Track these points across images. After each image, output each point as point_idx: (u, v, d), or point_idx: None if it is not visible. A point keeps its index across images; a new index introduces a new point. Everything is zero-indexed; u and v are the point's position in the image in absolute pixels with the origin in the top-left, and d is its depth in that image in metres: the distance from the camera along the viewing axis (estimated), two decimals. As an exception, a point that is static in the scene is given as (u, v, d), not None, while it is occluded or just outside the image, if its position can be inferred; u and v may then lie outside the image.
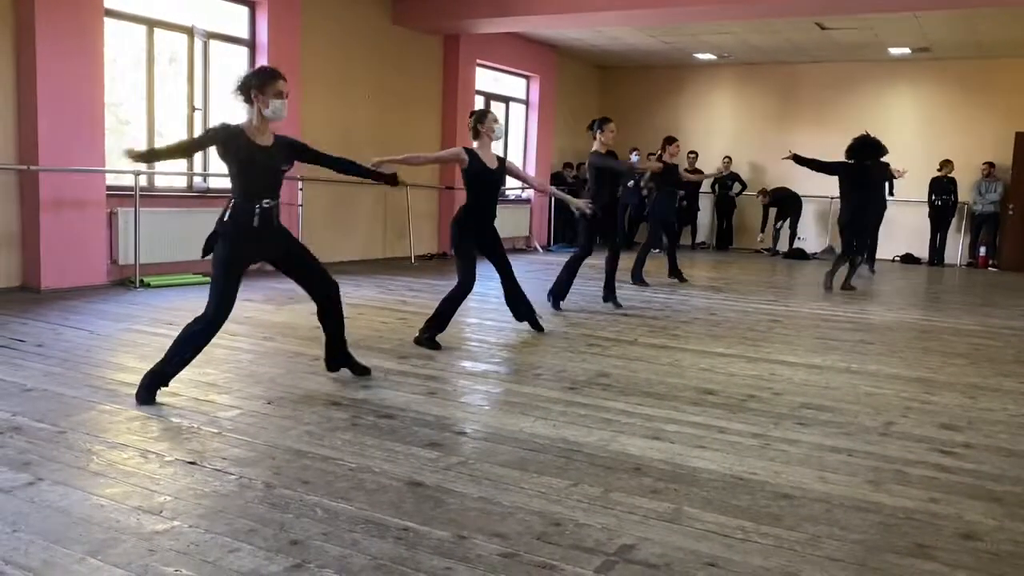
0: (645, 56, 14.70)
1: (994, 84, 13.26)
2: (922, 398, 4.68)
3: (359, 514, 2.78)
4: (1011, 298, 9.67)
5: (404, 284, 8.93)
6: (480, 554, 2.52)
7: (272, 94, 4.24)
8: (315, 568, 2.39)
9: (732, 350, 5.86)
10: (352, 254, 10.75)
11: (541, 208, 14.42)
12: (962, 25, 11.09)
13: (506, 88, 13.84)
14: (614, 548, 2.60)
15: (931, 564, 2.58)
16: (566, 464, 3.37)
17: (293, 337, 5.78)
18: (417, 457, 3.37)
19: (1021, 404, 4.64)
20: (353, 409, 4.03)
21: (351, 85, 10.56)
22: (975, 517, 2.97)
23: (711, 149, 15.15)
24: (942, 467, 3.50)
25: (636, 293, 8.88)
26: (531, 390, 4.58)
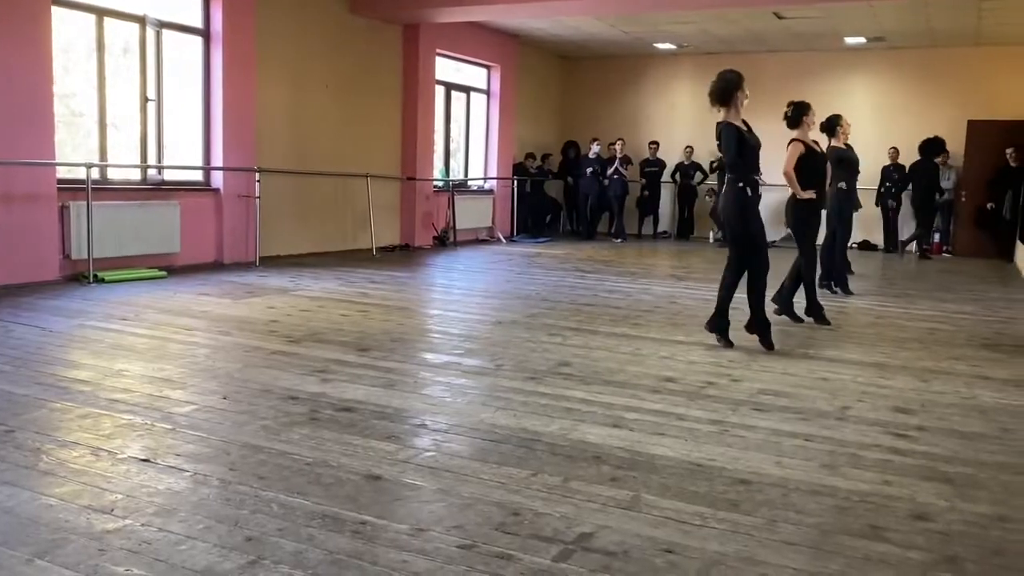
0: (606, 46, 14.72)
1: (946, 72, 13.49)
2: (877, 382, 4.76)
3: (316, 509, 2.75)
4: (964, 283, 9.87)
5: (365, 276, 8.86)
6: (438, 546, 2.50)
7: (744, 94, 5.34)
8: (270, 564, 2.36)
9: (692, 338, 5.90)
10: (312, 246, 10.64)
11: (504, 199, 14.40)
12: (915, 14, 11.26)
13: (467, 78, 13.78)
14: (572, 536, 2.60)
15: (884, 545, 2.62)
16: (526, 454, 3.37)
17: (250, 331, 5.71)
18: (375, 450, 3.34)
19: (972, 387, 4.74)
20: (311, 403, 3.98)
21: (309, 75, 10.43)
22: (927, 498, 3.02)
23: (672, 138, 15.24)
24: (896, 450, 3.56)
25: (597, 283, 8.90)
26: (492, 380, 4.57)
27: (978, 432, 3.87)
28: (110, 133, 8.37)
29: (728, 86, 5.34)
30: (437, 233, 12.70)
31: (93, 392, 4.07)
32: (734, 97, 5.34)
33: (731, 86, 5.33)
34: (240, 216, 9.40)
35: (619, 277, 9.42)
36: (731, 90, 5.33)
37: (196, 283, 7.84)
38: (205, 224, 9.15)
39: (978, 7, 10.62)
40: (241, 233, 9.42)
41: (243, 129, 9.40)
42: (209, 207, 9.23)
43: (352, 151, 11.13)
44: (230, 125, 9.24)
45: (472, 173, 14.25)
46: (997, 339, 6.27)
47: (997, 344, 6.06)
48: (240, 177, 9.38)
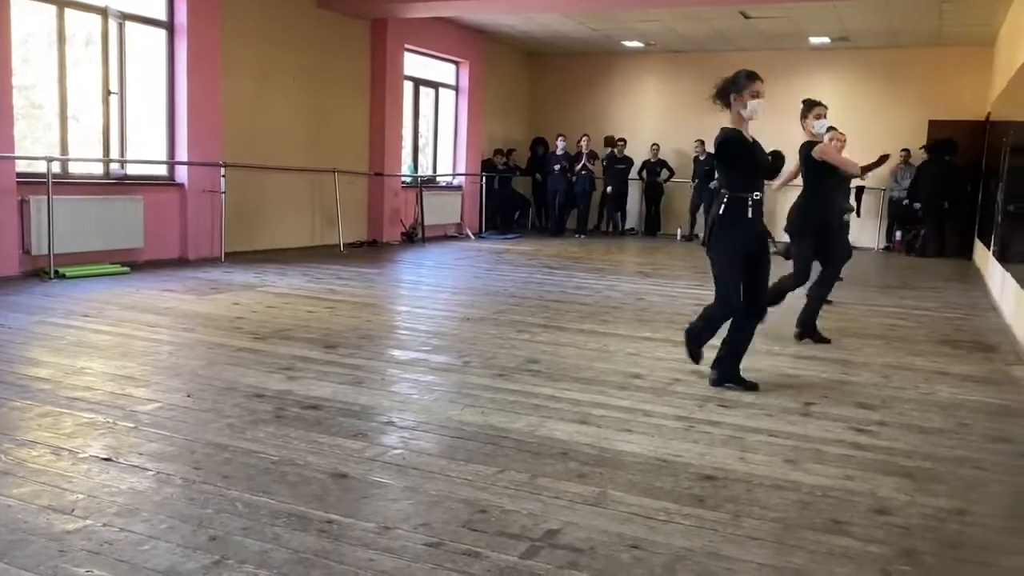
0: (574, 43, 14.75)
1: (908, 72, 13.70)
2: (840, 378, 4.83)
3: (281, 508, 2.73)
4: (925, 281, 10.05)
5: (333, 272, 8.80)
6: (405, 544, 2.50)
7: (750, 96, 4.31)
8: (234, 564, 2.34)
9: (659, 334, 5.94)
10: (280, 242, 10.54)
11: (473, 195, 14.38)
12: (877, 15, 11.43)
13: (435, 74, 13.73)
14: (539, 533, 2.61)
15: (845, 539, 2.66)
16: (494, 451, 3.37)
17: (215, 328, 5.64)
18: (342, 448, 3.33)
19: (932, 383, 4.83)
20: (277, 401, 3.95)
21: (275, 69, 10.32)
22: (888, 493, 3.08)
23: (639, 136, 15.31)
24: (857, 445, 3.62)
25: (565, 280, 8.92)
26: (460, 377, 4.57)
27: (937, 427, 3.95)
28: (71, 126, 8.22)
29: (725, 85, 4.37)
30: (405, 229, 12.65)
31: (53, 390, 4.00)
32: (731, 99, 4.32)
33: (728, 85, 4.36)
34: (205, 211, 9.28)
35: (587, 274, 9.45)
36: (727, 89, 4.34)
37: (160, 279, 7.73)
38: (169, 219, 9.03)
39: (939, 8, 10.80)
40: (206, 229, 9.31)
41: (208, 123, 9.28)
42: (173, 202, 9.11)
43: (319, 146, 11.04)
44: (195, 119, 9.12)
45: (441, 169, 14.21)
46: (956, 335, 6.39)
47: (956, 340, 6.18)
48: (205, 172, 9.26)
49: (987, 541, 2.72)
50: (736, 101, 4.31)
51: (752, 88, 4.30)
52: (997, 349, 5.92)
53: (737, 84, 4.32)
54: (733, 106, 4.34)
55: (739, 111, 4.33)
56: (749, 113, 4.31)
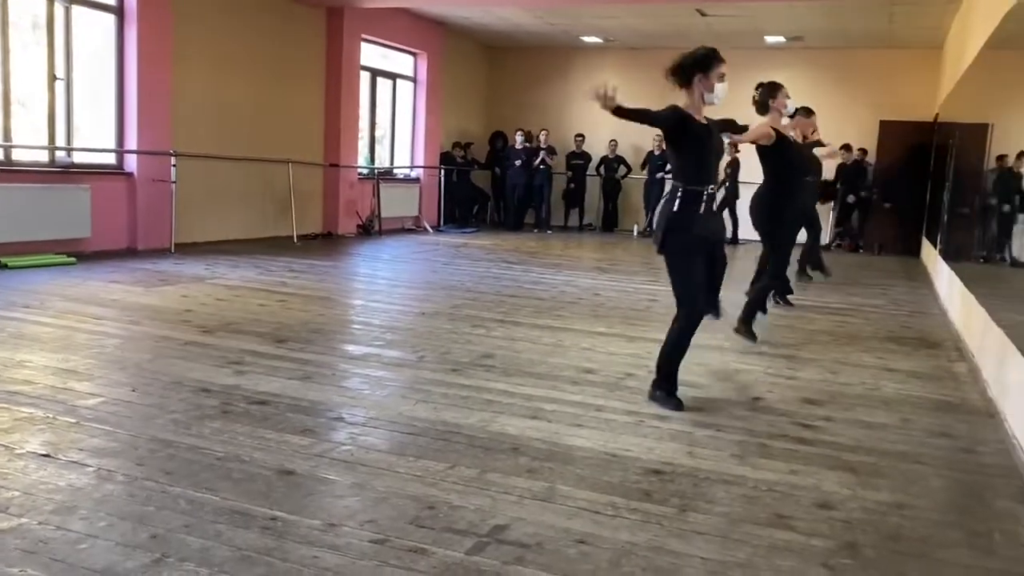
0: (533, 37, 14.74)
1: (860, 73, 13.95)
2: (787, 373, 4.90)
3: (224, 505, 2.68)
4: (873, 278, 10.25)
5: (285, 265, 8.69)
6: (350, 541, 2.47)
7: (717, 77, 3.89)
8: (175, 562, 2.29)
9: (613, 330, 5.97)
10: (231, 233, 10.38)
11: (431, 188, 14.31)
12: (831, 16, 11.61)
13: (393, 64, 13.62)
14: (487, 529, 2.60)
15: (789, 533, 2.70)
16: (444, 447, 3.36)
17: (161, 321, 5.54)
18: (289, 444, 3.28)
19: (878, 378, 4.93)
20: (224, 396, 3.89)
21: (229, 57, 10.14)
22: (831, 487, 3.13)
23: (597, 132, 15.35)
24: (803, 440, 3.67)
25: (522, 274, 8.93)
26: (413, 373, 4.54)
27: (881, 422, 4.03)
28: (15, 112, 8.00)
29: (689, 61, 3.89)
30: (361, 222, 12.54)
31: (-9, 384, 3.89)
32: (695, 79, 3.87)
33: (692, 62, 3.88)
34: (155, 201, 9.09)
35: (544, 269, 9.47)
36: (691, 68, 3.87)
37: (107, 270, 7.56)
38: (117, 209, 8.83)
39: (889, 11, 11.01)
40: (156, 219, 9.12)
41: (158, 111, 9.09)
42: (122, 191, 8.91)
43: (273, 136, 10.88)
44: (145, 107, 8.93)
45: (398, 161, 14.11)
46: (902, 332, 6.53)
47: (901, 337, 6.31)
48: (155, 161, 9.07)
49: (926, 534, 2.78)
50: (701, 82, 3.84)
51: (719, 69, 3.87)
52: (941, 346, 6.06)
53: (706, 63, 3.84)
54: (696, 87, 3.85)
55: (702, 93, 3.86)
56: (712, 97, 3.88)
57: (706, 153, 3.94)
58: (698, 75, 3.86)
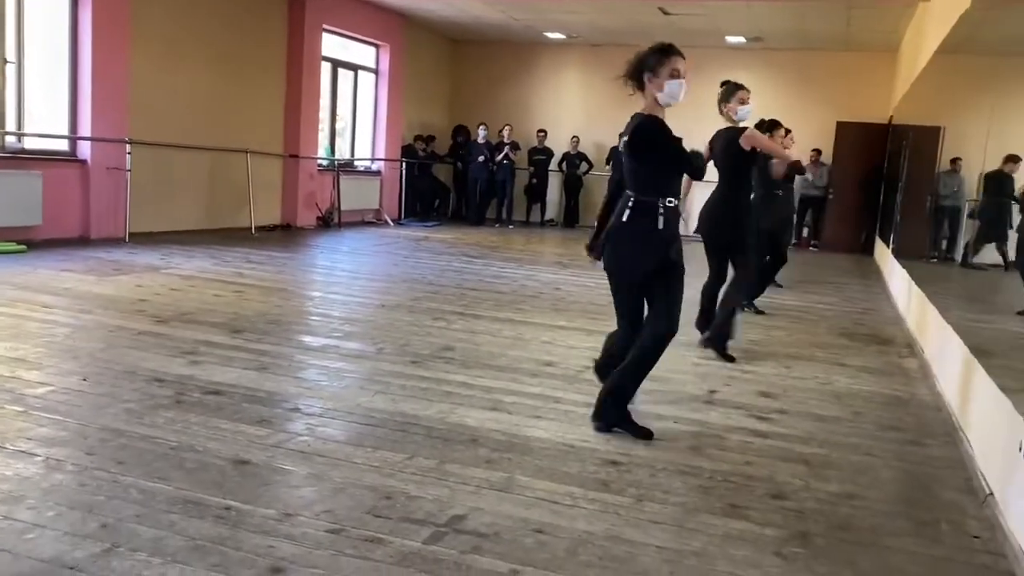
0: (496, 32, 14.72)
1: (818, 75, 14.17)
2: (743, 367, 4.97)
3: (178, 494, 2.64)
4: (828, 276, 10.43)
5: (242, 256, 8.57)
6: (306, 531, 2.45)
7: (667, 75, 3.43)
8: (126, 552, 2.25)
9: (573, 323, 6.00)
10: (187, 223, 10.19)
11: (392, 181, 14.22)
12: (790, 17, 11.77)
13: (355, 56, 13.50)
14: (445, 519, 2.60)
15: (743, 523, 2.74)
16: (402, 438, 3.34)
17: (115, 310, 5.43)
18: (245, 434, 3.24)
19: (830, 373, 5.01)
20: (178, 386, 3.83)
21: (188, 45, 9.96)
22: (785, 478, 3.18)
23: (560, 128, 15.41)
24: (758, 432, 3.73)
25: (484, 268, 8.92)
26: (372, 364, 4.51)
27: (833, 416, 4.10)
28: (-38, 95, 7.78)
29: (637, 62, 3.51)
30: (321, 214, 12.42)
31: (-65, 373, 3.79)
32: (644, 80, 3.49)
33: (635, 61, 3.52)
34: (109, 189, 8.91)
35: (505, 263, 9.47)
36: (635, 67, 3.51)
37: (58, 258, 7.39)
38: (70, 196, 8.63)
39: (847, 14, 11.19)
40: (110, 207, 8.94)
41: (114, 98, 8.90)
42: (75, 178, 8.71)
43: (232, 125, 10.71)
44: (99, 93, 8.73)
45: (359, 153, 13.99)
46: (854, 329, 6.66)
47: (854, 333, 6.43)
48: (110, 148, 8.88)
49: (875, 524, 2.84)
50: (650, 83, 3.44)
51: (669, 65, 3.42)
52: (892, 342, 6.19)
53: (652, 60, 3.43)
54: (647, 88, 3.46)
55: (654, 95, 3.45)
56: (666, 97, 3.43)
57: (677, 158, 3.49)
58: (646, 74, 3.44)
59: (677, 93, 3.46)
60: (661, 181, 3.49)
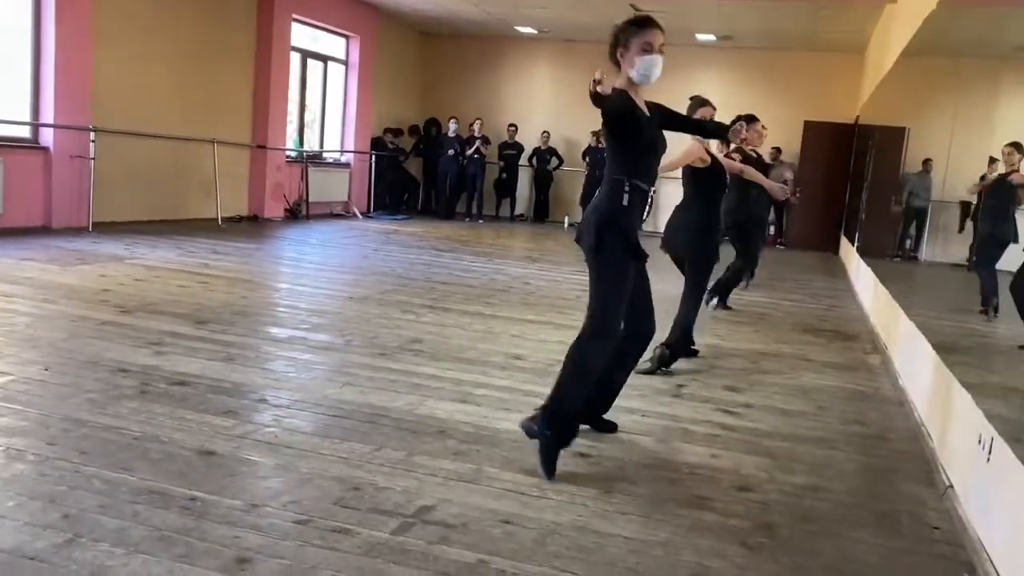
0: (468, 25, 14.67)
1: (786, 74, 14.32)
2: (710, 362, 5.01)
3: (142, 484, 2.61)
4: (793, 273, 10.55)
5: (208, 247, 8.47)
6: (273, 522, 2.43)
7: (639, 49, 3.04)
8: (88, 542, 2.22)
9: (543, 317, 6.01)
10: (153, 213, 10.04)
11: (361, 173, 14.13)
12: (759, 16, 11.87)
13: (325, 47, 13.39)
14: (413, 510, 2.59)
15: (709, 514, 2.77)
16: (371, 429, 3.33)
17: (78, 300, 5.34)
18: (211, 425, 3.21)
19: (796, 368, 5.08)
20: (142, 376, 3.77)
21: (154, 32, 9.80)
22: (750, 470, 3.22)
23: (530, 123, 15.41)
24: (724, 425, 3.77)
25: (453, 262, 8.90)
26: (340, 356, 4.49)
27: (798, 410, 4.15)
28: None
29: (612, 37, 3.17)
30: (289, 205, 12.31)
31: None
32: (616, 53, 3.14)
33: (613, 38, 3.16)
34: (72, 178, 8.75)
35: (475, 257, 9.46)
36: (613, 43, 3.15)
37: (20, 247, 7.25)
38: (32, 185, 8.46)
39: (815, 14, 11.32)
40: (73, 196, 8.78)
41: (77, 84, 8.74)
42: (37, 166, 8.54)
43: (199, 115, 10.57)
44: (62, 79, 8.57)
45: (328, 145, 13.89)
46: (819, 325, 6.75)
47: (819, 330, 6.52)
48: (73, 136, 8.72)
49: (838, 515, 2.88)
50: (622, 58, 3.09)
51: (641, 39, 3.04)
52: (856, 338, 6.28)
53: (626, 33, 3.08)
54: (622, 65, 3.13)
55: (627, 72, 3.09)
56: (638, 75, 3.06)
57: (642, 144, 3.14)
58: (619, 50, 3.09)
59: (650, 70, 3.06)
60: (643, 165, 3.15)
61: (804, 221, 14.28)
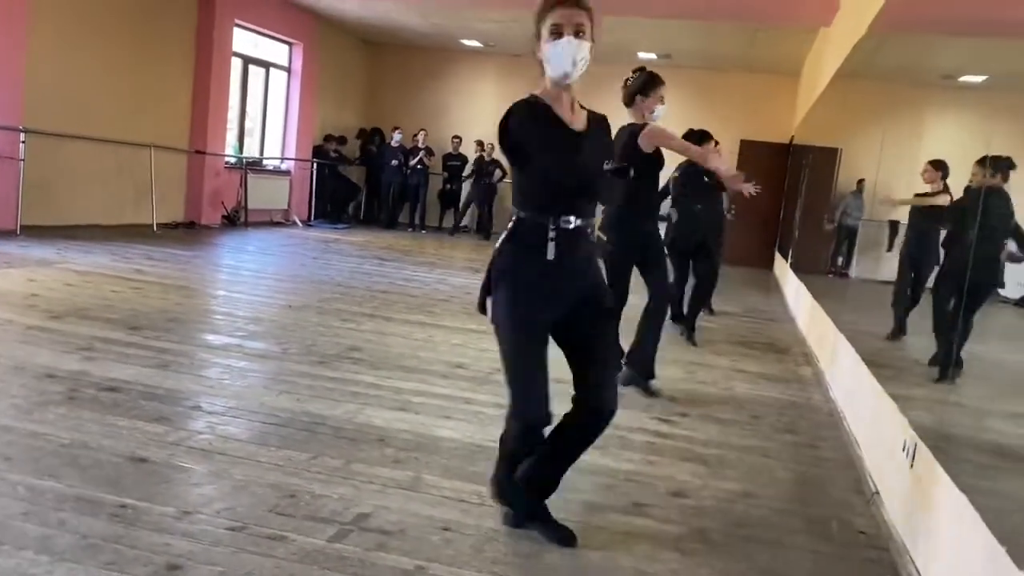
0: (413, 36, 14.67)
1: (724, 94, 14.64)
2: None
3: (69, 492, 2.53)
4: (731, 288, 10.75)
5: (143, 252, 8.27)
6: (205, 528, 2.39)
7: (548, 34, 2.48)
8: (11, 550, 2.15)
9: (484, 327, 5.97)
10: (85, 217, 9.77)
11: (302, 181, 13.97)
12: (699, 36, 12.14)
13: (267, 53, 13.23)
14: (350, 517, 2.57)
15: (645, 520, 2.81)
16: (308, 437, 3.29)
17: (5, 304, 5.16)
18: (142, 432, 3.13)
19: (731, 379, 5.19)
20: (71, 382, 3.66)
21: (90, 35, 9.56)
22: (685, 477, 3.27)
23: (475, 135, 15.44)
24: (660, 433, 3.82)
25: (395, 271, 8.85)
26: (277, 364, 4.42)
27: (732, 419, 4.24)
28: None
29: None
30: (227, 212, 12.10)
31: None
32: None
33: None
34: (0, 180, 8.46)
35: (417, 267, 9.43)
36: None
37: None
38: (-45, 185, 8.16)
39: (753, 36, 11.63)
40: (1, 198, 8.48)
41: (7, 83, 8.46)
42: (-39, 167, 8.24)
43: (136, 119, 10.33)
44: (-9, 77, 8.30)
45: (268, 152, 13.71)
46: (754, 338, 6.90)
47: (753, 342, 6.67)
48: (2, 137, 8.43)
49: (770, 521, 2.95)
50: (538, 51, 2.56)
51: (549, 21, 2.46)
52: (789, 351, 6.44)
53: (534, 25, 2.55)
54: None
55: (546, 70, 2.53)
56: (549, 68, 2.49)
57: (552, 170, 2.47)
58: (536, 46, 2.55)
59: (560, 59, 2.43)
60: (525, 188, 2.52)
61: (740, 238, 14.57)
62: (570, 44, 2.42)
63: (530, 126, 2.47)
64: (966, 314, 3.09)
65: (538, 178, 2.46)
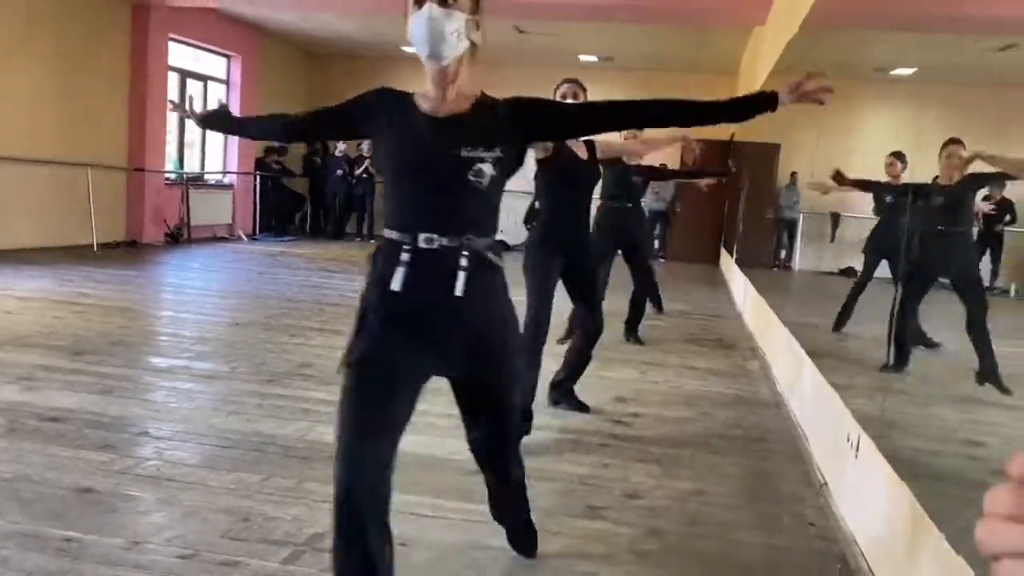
0: (354, 46, 14.58)
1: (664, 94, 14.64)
2: (599, 374, 5.10)
3: (12, 528, 2.47)
4: (677, 285, 10.90)
5: (85, 275, 8.08)
6: (155, 558, 2.35)
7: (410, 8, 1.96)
8: (-49, 594, 2.09)
9: (434, 337, 5.99)
10: (21, 241, 9.50)
11: (245, 194, 13.78)
12: (638, 38, 12.29)
13: (205, 67, 13.03)
14: (304, 538, 2.55)
15: (600, 523, 2.84)
16: (259, 458, 3.25)
17: (-62, 335, 5.01)
18: (87, 462, 3.06)
19: (680, 376, 5.26)
20: (11, 413, 3.57)
21: (19, 47, 9.31)
22: (639, 478, 3.32)
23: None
24: (614, 435, 3.86)
25: (344, 283, 8.79)
26: (225, 384, 4.36)
27: (683, 416, 4.30)
28: None
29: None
30: (169, 229, 11.87)
31: None
32: None
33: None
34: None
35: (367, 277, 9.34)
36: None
37: None
38: None
39: (691, 37, 11.81)
40: (-71, 224, 8.22)
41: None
42: None
43: (71, 137, 10.09)
44: (-85, 100, 8.03)
45: (209, 167, 13.49)
46: (702, 334, 7.00)
47: (701, 339, 6.77)
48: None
49: (722, 518, 3.00)
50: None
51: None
52: (736, 346, 6.56)
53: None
54: None
55: None
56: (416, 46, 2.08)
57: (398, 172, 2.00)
58: None
59: (418, 32, 1.99)
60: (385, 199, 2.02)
61: (685, 234, 14.80)
62: (433, 14, 1.86)
63: (377, 107, 2.02)
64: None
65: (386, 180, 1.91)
